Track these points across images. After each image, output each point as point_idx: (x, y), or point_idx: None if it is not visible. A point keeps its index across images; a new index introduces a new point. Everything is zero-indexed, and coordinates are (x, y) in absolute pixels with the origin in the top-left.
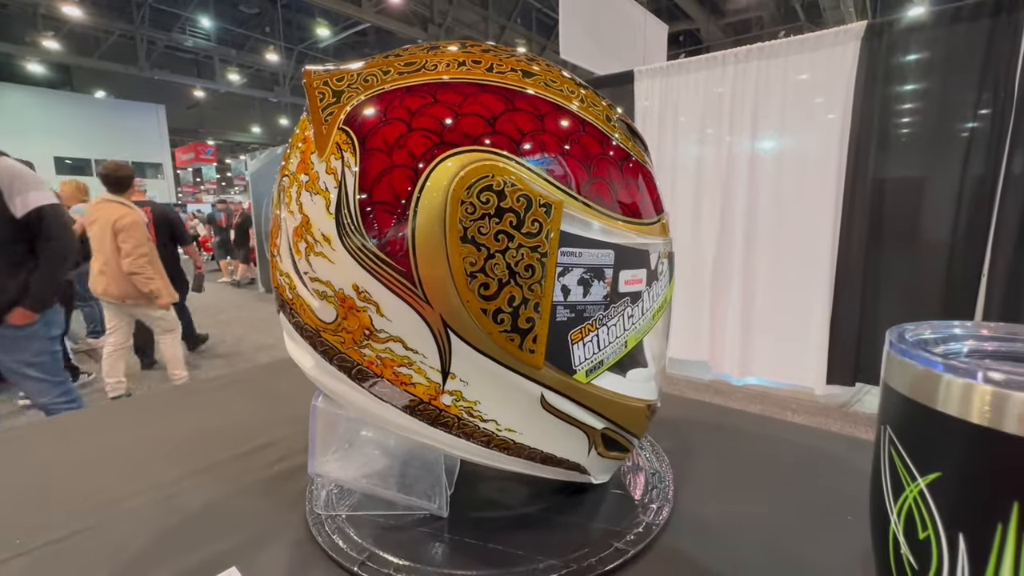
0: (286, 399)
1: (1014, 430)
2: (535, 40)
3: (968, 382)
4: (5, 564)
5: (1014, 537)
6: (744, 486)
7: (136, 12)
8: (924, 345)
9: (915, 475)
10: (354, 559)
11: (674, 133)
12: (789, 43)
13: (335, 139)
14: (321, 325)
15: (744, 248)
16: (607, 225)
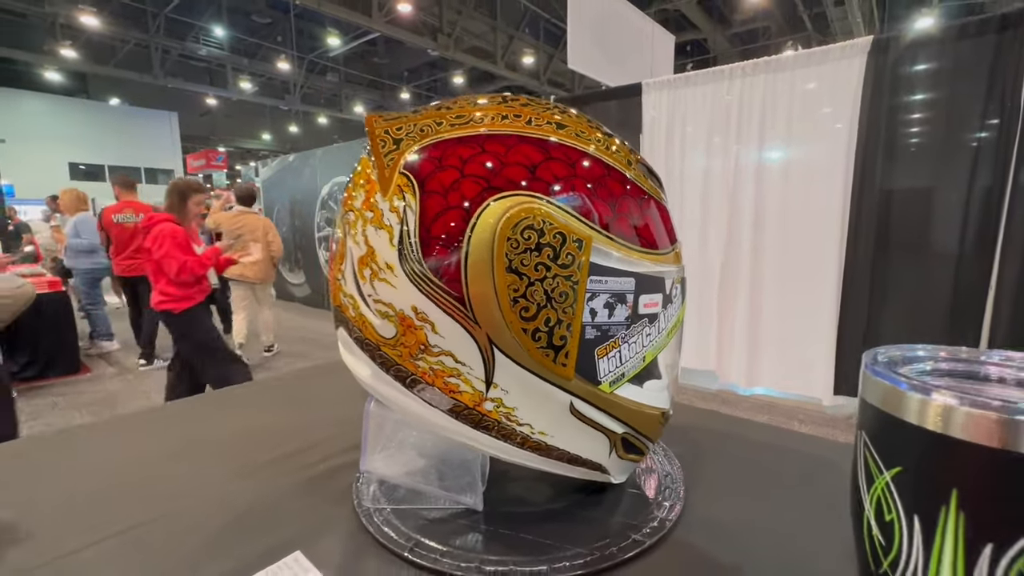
0: (317, 405)
1: (958, 435)
2: (543, 49)
3: (924, 398)
4: (97, 545)
5: (953, 516)
6: (751, 489)
7: (151, 21)
8: (893, 366)
9: (882, 470)
10: (403, 546)
11: (681, 144)
12: (796, 57)
13: (397, 182)
14: (381, 340)
15: (751, 258)
16: (628, 256)
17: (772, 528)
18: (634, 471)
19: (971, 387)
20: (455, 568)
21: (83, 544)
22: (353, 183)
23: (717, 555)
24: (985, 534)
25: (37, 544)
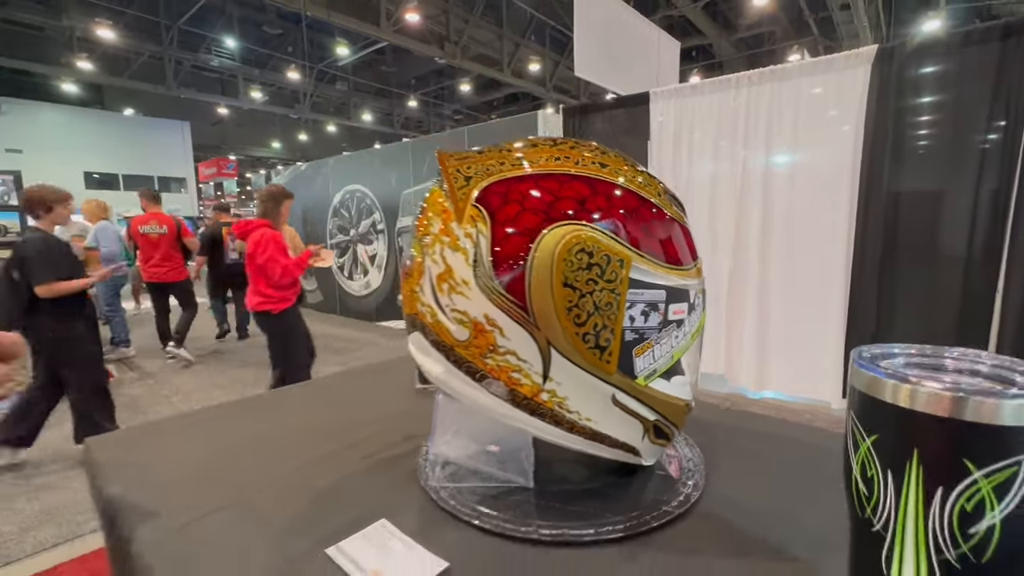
0: (365, 402)
1: (919, 409)
2: (548, 56)
3: (896, 383)
4: (211, 516)
5: (915, 469)
6: (763, 471)
7: (165, 34)
8: (874, 360)
9: (865, 437)
10: (470, 514)
11: (689, 150)
12: (801, 66)
13: (470, 212)
14: (455, 342)
15: (759, 263)
16: (660, 272)
17: (782, 502)
18: (660, 456)
19: (931, 375)
20: (516, 531)
21: (199, 514)
22: (427, 211)
23: (735, 523)
24: (937, 480)
25: (162, 516)
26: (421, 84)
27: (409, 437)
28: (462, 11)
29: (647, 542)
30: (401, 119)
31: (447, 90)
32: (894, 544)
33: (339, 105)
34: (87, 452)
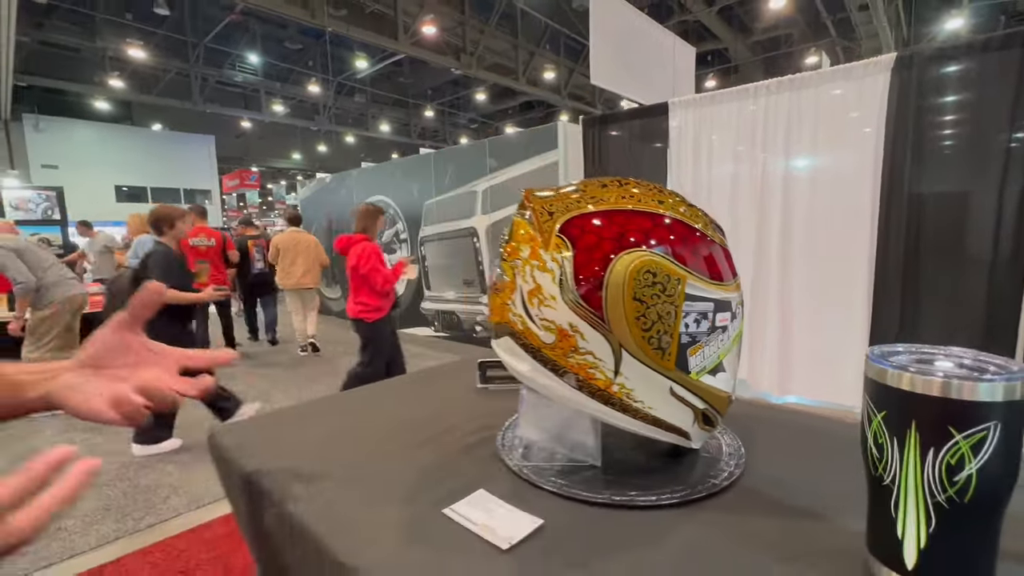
0: (442, 398)
1: (917, 391)
2: (563, 64)
3: (900, 372)
4: (344, 484)
5: (914, 435)
6: (795, 454)
7: (191, 52)
8: (884, 356)
9: (876, 414)
10: (553, 485)
11: (708, 155)
12: (820, 74)
13: (555, 241)
14: (542, 345)
15: (780, 268)
16: (707, 287)
17: (810, 476)
18: (706, 441)
19: (926, 367)
20: (592, 498)
21: (331, 484)
22: (515, 239)
23: (771, 493)
24: (929, 443)
25: (302, 485)
26: (437, 94)
27: (483, 427)
28: (478, 22)
29: (699, 508)
30: (418, 129)
31: (463, 99)
32: (899, 494)
33: (357, 116)
34: (213, 439)
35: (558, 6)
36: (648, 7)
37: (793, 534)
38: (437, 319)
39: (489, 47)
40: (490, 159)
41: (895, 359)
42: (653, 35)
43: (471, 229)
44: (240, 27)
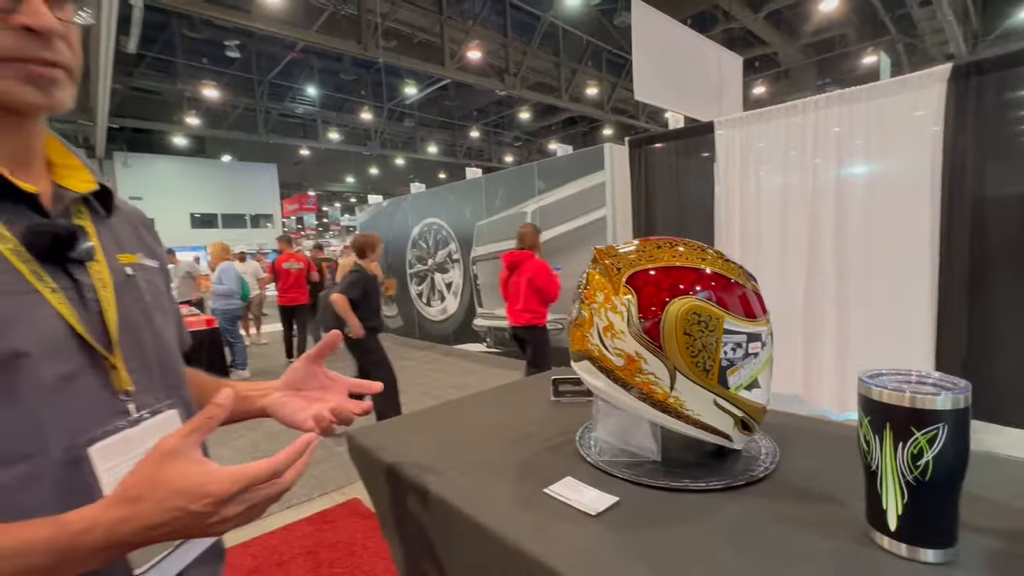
0: (519, 410)
1: (890, 402)
2: (606, 79)
3: (880, 389)
4: (465, 471)
5: (890, 434)
6: (825, 455)
7: (257, 88)
8: (871, 378)
9: (864, 418)
10: (624, 474)
11: (756, 166)
12: (871, 88)
13: (623, 289)
14: (614, 367)
15: (836, 281)
16: (741, 323)
17: (835, 473)
18: (746, 443)
19: (901, 385)
20: (654, 484)
21: (456, 471)
22: (591, 287)
23: (800, 483)
24: (899, 439)
25: (434, 473)
26: (482, 115)
27: (561, 432)
28: (520, 44)
29: (739, 493)
30: (464, 149)
31: (506, 118)
32: (882, 476)
33: (406, 139)
34: (353, 440)
35: (599, 23)
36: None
37: (814, 512)
38: (489, 335)
39: (532, 67)
40: (538, 181)
41: (879, 380)
42: (697, 47)
43: None
44: (300, 63)
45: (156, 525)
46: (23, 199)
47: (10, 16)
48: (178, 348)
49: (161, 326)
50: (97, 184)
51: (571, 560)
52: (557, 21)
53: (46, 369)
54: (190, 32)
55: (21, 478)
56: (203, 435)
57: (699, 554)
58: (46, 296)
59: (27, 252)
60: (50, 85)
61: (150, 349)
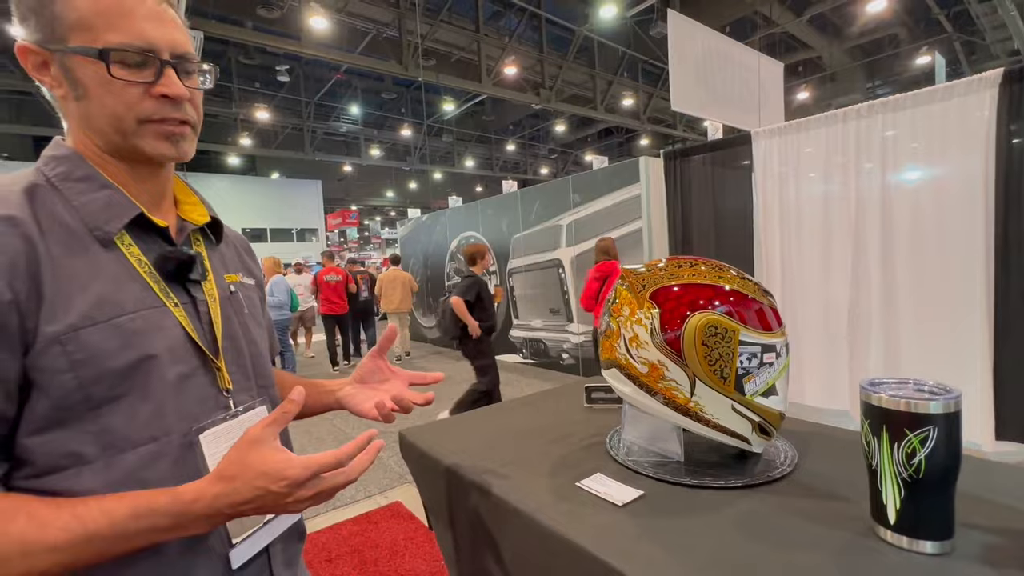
0: (554, 414)
1: (887, 407)
2: (642, 90)
3: (879, 395)
4: (510, 465)
5: (886, 435)
6: (841, 460)
7: (304, 109)
8: (872, 385)
9: (864, 421)
10: (649, 471)
11: (796, 174)
12: (916, 95)
13: (647, 304)
14: (640, 375)
15: (882, 292)
16: (756, 335)
17: (849, 476)
18: (766, 447)
19: (898, 391)
20: (677, 481)
21: (503, 466)
22: (618, 302)
23: (814, 484)
24: (894, 439)
25: (487, 467)
26: (518, 128)
27: (593, 434)
28: (556, 58)
29: (756, 490)
30: (500, 162)
31: (542, 131)
32: (880, 474)
33: (444, 154)
34: (404, 438)
35: (635, 34)
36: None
37: (824, 508)
38: (525, 346)
39: (567, 79)
40: (574, 194)
41: (879, 387)
42: (735, 55)
43: (557, 260)
44: (344, 84)
45: (246, 501)
46: (156, 231)
47: (152, 87)
48: (269, 354)
49: (255, 335)
50: (210, 217)
51: (597, 541)
52: (592, 34)
53: (170, 369)
54: (245, 59)
55: (149, 456)
56: (280, 426)
57: (712, 538)
58: (171, 310)
59: (158, 274)
60: (180, 140)
61: (246, 354)
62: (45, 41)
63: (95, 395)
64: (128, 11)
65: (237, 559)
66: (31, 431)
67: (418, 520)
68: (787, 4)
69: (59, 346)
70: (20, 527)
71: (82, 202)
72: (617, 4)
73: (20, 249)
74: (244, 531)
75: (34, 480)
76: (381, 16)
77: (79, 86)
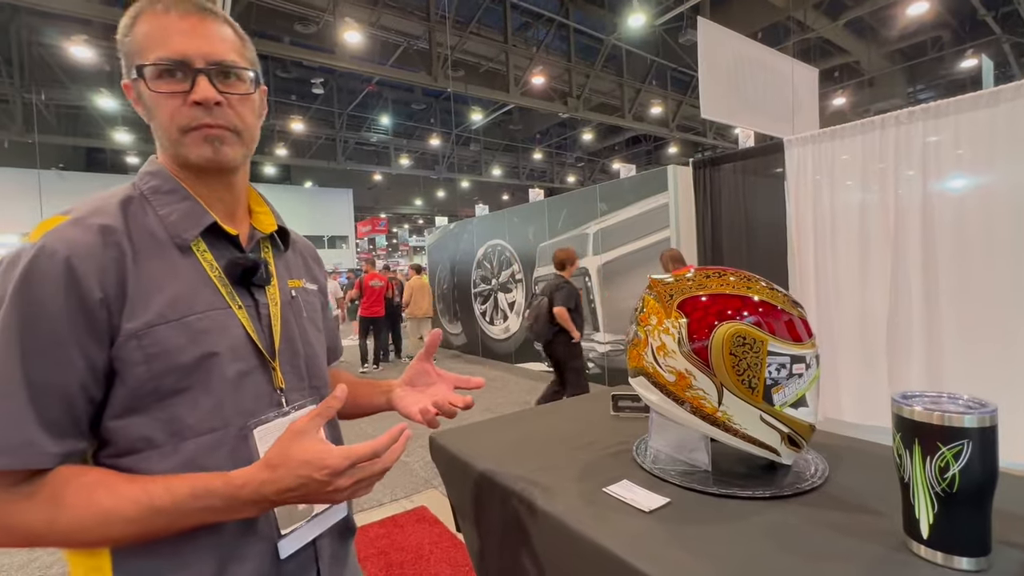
0: (581, 422)
1: (919, 419)
2: (671, 97)
3: (910, 407)
4: (542, 470)
5: (918, 448)
6: (875, 473)
7: (337, 120)
8: (904, 398)
9: (896, 434)
10: (676, 479)
11: (831, 182)
12: (960, 101)
13: (674, 314)
14: (667, 383)
15: (924, 305)
16: (785, 346)
17: (882, 490)
18: (795, 460)
19: (932, 406)
20: (704, 489)
21: (535, 470)
22: (646, 310)
23: (845, 498)
24: (926, 453)
25: (518, 471)
26: (545, 137)
27: (620, 442)
28: (583, 67)
29: (785, 502)
30: (526, 171)
31: (569, 140)
32: (913, 488)
33: (472, 163)
34: (434, 441)
35: (663, 42)
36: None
37: (856, 521)
38: None
39: (595, 88)
40: (601, 203)
41: (912, 400)
42: (768, 61)
43: (583, 269)
44: (376, 95)
45: (289, 488)
46: (228, 239)
47: (187, 96)
48: (325, 357)
49: (312, 338)
50: (278, 226)
51: (626, 545)
52: (620, 43)
53: (230, 366)
54: (282, 73)
55: (209, 445)
56: (324, 420)
57: (742, 547)
58: (235, 312)
59: (226, 278)
60: (218, 142)
61: (301, 356)
62: (128, 75)
63: (164, 386)
64: (167, 31)
65: (284, 550)
66: (113, 415)
67: (443, 525)
68: (822, 9)
69: (136, 340)
70: (100, 497)
71: (166, 212)
72: (646, 13)
73: (112, 255)
74: (292, 523)
75: (114, 459)
76: (412, 29)
77: (146, 107)
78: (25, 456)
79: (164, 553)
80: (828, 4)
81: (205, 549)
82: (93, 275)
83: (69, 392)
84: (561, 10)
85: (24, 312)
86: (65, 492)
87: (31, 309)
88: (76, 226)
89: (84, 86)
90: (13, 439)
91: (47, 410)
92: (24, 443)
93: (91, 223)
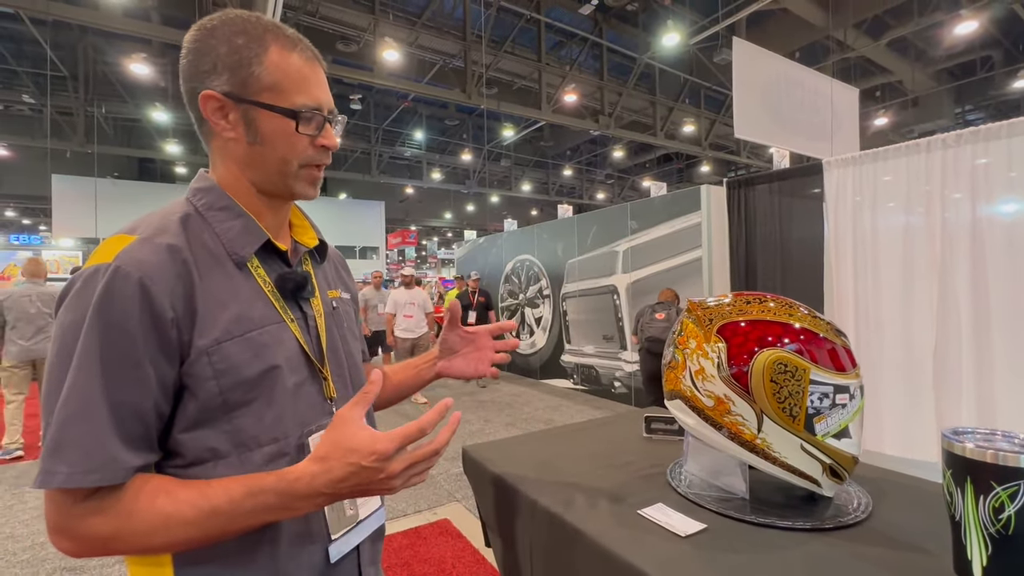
0: (612, 443)
1: (972, 457)
2: (704, 116)
3: (962, 444)
4: (567, 487)
5: (971, 487)
6: (919, 510)
7: (372, 134)
8: (955, 434)
9: (947, 471)
10: (713, 506)
11: (873, 205)
12: (1012, 125)
13: (714, 339)
14: (705, 407)
15: (974, 336)
16: (828, 375)
17: (927, 526)
18: (837, 492)
19: (985, 444)
20: (742, 517)
21: (560, 484)
22: (684, 334)
23: (890, 534)
24: (979, 492)
25: (544, 487)
26: (575, 154)
27: (653, 464)
28: (615, 85)
29: (825, 535)
30: (556, 187)
31: (600, 157)
32: (965, 527)
33: (502, 178)
34: (466, 454)
35: (697, 61)
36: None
37: (901, 558)
38: (576, 372)
39: (626, 106)
40: (631, 221)
41: (964, 436)
42: (806, 81)
43: (612, 287)
44: (410, 111)
45: (341, 479)
46: (278, 254)
47: (315, 139)
48: (362, 364)
49: (352, 346)
50: (318, 240)
51: (662, 569)
52: (653, 61)
53: (289, 378)
54: None
55: (272, 455)
56: (364, 407)
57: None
58: (288, 324)
59: (277, 292)
60: (318, 183)
61: (345, 365)
62: (234, 94)
63: (231, 400)
64: (309, 79)
65: (334, 554)
66: (182, 428)
67: (466, 539)
68: (863, 28)
69: (206, 357)
70: (162, 503)
71: (223, 229)
72: (680, 33)
73: (180, 273)
74: (341, 528)
75: (182, 470)
76: (448, 48)
77: (258, 134)
78: (111, 473)
79: (224, 560)
80: (870, 23)
81: (264, 556)
82: (165, 295)
83: (144, 408)
84: (595, 30)
85: (103, 333)
86: (131, 501)
87: (110, 330)
88: (145, 245)
89: (140, 100)
90: (99, 456)
91: (127, 427)
92: (109, 460)
93: (159, 243)
